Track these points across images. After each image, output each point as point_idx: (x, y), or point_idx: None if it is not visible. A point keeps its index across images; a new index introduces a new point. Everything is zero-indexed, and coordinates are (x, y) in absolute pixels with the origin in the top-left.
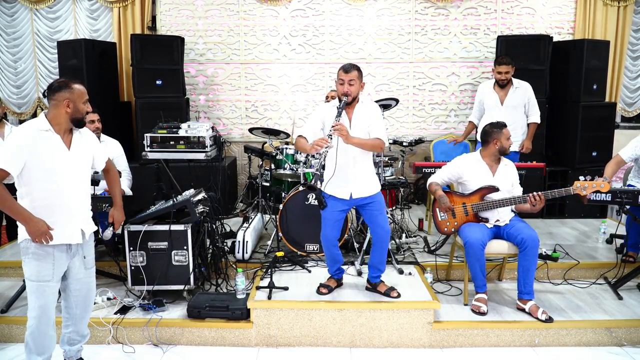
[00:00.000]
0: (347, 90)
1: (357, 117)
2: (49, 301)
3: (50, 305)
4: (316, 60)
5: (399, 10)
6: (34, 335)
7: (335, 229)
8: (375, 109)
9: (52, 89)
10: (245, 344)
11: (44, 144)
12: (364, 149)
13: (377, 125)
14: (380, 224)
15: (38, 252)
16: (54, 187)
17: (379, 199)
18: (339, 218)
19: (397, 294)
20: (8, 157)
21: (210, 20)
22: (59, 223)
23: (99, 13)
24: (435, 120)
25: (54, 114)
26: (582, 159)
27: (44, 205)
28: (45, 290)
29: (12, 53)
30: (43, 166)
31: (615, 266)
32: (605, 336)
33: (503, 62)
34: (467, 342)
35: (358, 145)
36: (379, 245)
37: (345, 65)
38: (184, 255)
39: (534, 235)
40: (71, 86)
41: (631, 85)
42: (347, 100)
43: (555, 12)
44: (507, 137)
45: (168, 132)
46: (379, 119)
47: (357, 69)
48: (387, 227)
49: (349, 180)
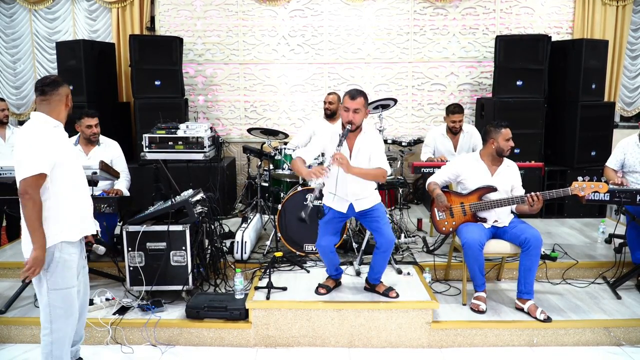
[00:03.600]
0: (351, 119)
1: (359, 146)
2: (75, 307)
3: (76, 311)
4: (315, 60)
5: (397, 10)
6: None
7: (333, 239)
8: (378, 138)
9: (54, 84)
10: (244, 344)
11: (61, 140)
12: (366, 179)
13: (379, 154)
14: (384, 233)
15: (64, 257)
16: (76, 181)
17: (379, 207)
18: (338, 227)
19: (396, 294)
20: (41, 160)
21: (209, 21)
22: (83, 216)
23: (97, 14)
24: (434, 120)
25: (58, 109)
26: (581, 159)
27: (70, 201)
28: (72, 295)
29: (11, 54)
30: (67, 162)
31: (613, 266)
32: (603, 336)
33: (456, 111)
34: (466, 342)
35: (359, 176)
36: (382, 251)
37: (351, 91)
38: (182, 255)
39: (537, 235)
40: (65, 82)
41: (630, 85)
42: (351, 129)
43: (554, 11)
44: (506, 137)
45: (167, 132)
46: (381, 148)
47: (363, 96)
48: (392, 236)
49: (348, 196)
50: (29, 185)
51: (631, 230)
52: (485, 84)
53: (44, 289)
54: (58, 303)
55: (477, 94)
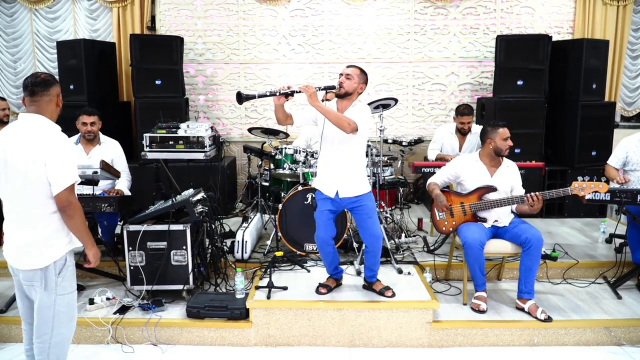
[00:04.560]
0: (341, 81)
1: (347, 115)
2: (76, 310)
3: (76, 314)
4: (315, 60)
5: (398, 9)
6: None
7: (327, 229)
8: (364, 107)
9: (45, 84)
10: (245, 343)
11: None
12: (328, 118)
13: (358, 114)
14: (368, 230)
15: (72, 263)
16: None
17: (368, 202)
18: (328, 218)
19: (392, 294)
20: (71, 168)
21: (210, 20)
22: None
23: (98, 13)
24: (434, 120)
25: (50, 110)
26: (582, 159)
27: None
28: (75, 298)
29: (12, 53)
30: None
31: (614, 265)
32: (604, 336)
33: (466, 112)
34: (466, 342)
35: (322, 112)
36: (370, 250)
37: (350, 64)
38: (183, 255)
39: (538, 235)
40: (57, 80)
41: (630, 85)
42: (338, 91)
43: (555, 11)
44: (503, 137)
45: (167, 132)
46: (362, 112)
47: (359, 69)
48: (377, 232)
49: (335, 177)
50: (70, 194)
51: (632, 230)
52: (486, 84)
53: (52, 295)
54: (63, 308)
55: (477, 94)
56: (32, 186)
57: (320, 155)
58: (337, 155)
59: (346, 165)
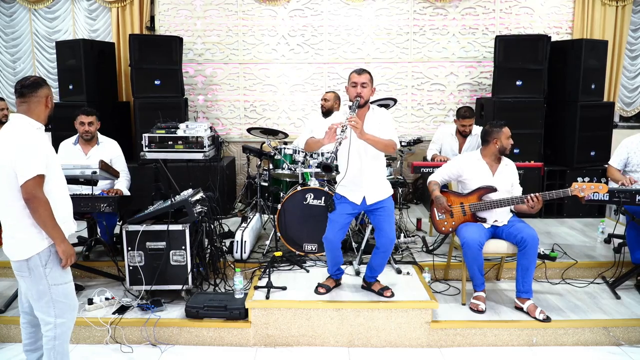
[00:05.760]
0: (360, 92)
1: (368, 123)
2: (76, 300)
3: (77, 304)
4: (315, 60)
5: (397, 10)
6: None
7: (340, 233)
8: (386, 114)
9: (34, 86)
10: (244, 343)
11: (47, 142)
12: (377, 148)
13: (388, 128)
14: (386, 232)
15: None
16: (60, 182)
17: (389, 204)
18: (347, 222)
19: (391, 294)
20: (36, 161)
21: (209, 20)
22: (70, 215)
23: (97, 13)
24: (433, 120)
25: (38, 110)
26: (581, 159)
27: (61, 202)
28: (72, 288)
29: (11, 53)
30: (54, 162)
31: (613, 266)
32: (603, 336)
33: (467, 116)
34: (465, 342)
35: (371, 142)
36: (381, 251)
37: (357, 69)
38: (182, 255)
39: (534, 235)
40: (47, 82)
41: (629, 85)
42: (360, 102)
43: (554, 11)
44: (507, 136)
45: (166, 132)
46: (390, 123)
47: (368, 73)
48: (393, 236)
49: (363, 184)
50: (33, 188)
51: (630, 230)
52: (485, 84)
53: (45, 286)
54: (61, 298)
55: (476, 94)
56: (8, 179)
57: (349, 168)
58: (366, 166)
59: (374, 173)
